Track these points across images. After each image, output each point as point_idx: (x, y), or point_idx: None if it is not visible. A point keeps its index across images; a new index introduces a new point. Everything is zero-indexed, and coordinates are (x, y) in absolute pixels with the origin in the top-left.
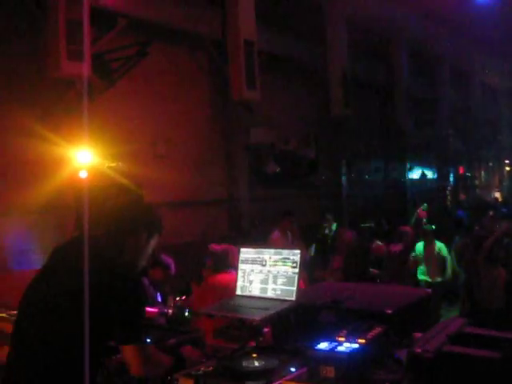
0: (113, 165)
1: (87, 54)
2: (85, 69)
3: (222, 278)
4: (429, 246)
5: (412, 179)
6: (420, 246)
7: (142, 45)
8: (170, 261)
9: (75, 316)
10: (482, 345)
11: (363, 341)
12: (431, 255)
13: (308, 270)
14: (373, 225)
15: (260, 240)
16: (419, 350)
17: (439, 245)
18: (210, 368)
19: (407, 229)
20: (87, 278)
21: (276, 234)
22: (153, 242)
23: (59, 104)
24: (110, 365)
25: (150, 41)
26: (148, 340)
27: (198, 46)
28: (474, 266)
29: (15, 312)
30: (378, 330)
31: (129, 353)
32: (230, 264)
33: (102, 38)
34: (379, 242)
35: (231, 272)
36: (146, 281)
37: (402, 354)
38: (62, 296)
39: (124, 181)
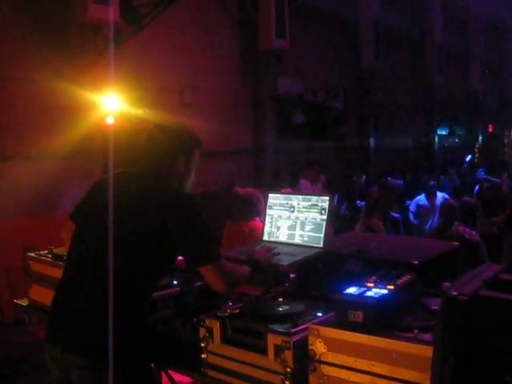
0: (140, 111)
1: None
2: (112, 13)
3: (249, 225)
4: None
5: (441, 135)
6: None
7: None
8: None
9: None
10: None
11: (392, 287)
12: None
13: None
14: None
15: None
16: (455, 293)
17: None
18: (237, 310)
19: None
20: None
21: (303, 183)
22: (194, 161)
23: (86, 49)
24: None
25: None
26: (175, 282)
27: None
28: None
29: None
30: (407, 277)
31: (209, 273)
32: (254, 209)
33: None
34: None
35: (256, 220)
36: None
37: (431, 303)
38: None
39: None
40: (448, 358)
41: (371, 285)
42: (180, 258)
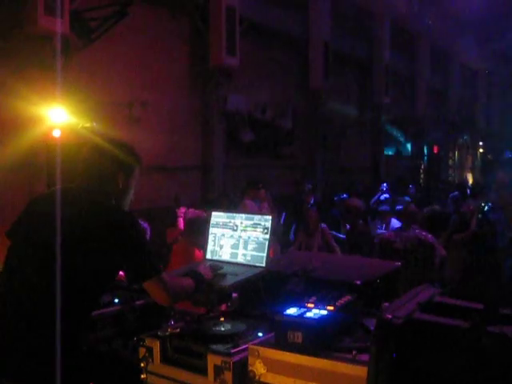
0: (87, 125)
1: (65, 9)
2: (61, 25)
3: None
4: None
5: (387, 155)
6: None
7: (122, 5)
8: (145, 226)
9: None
10: (452, 314)
11: (332, 308)
12: None
13: (280, 239)
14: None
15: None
16: (389, 316)
17: None
18: (177, 330)
19: None
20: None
21: (248, 203)
22: (133, 179)
23: (34, 61)
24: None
25: (131, 1)
26: (116, 300)
27: (179, 10)
28: None
29: None
30: (347, 298)
31: (152, 287)
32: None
33: None
34: None
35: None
36: None
37: (371, 324)
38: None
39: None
40: (381, 380)
41: (311, 305)
42: (121, 274)
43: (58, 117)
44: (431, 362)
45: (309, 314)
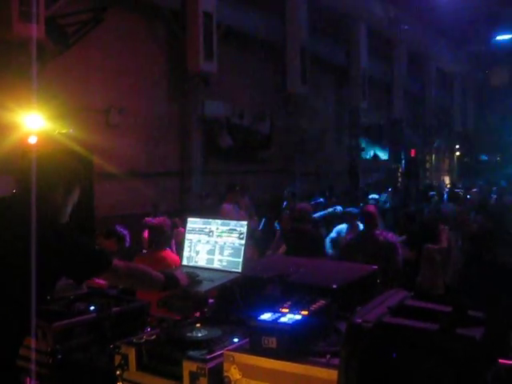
0: (64, 131)
1: (41, 15)
2: (37, 31)
3: (162, 255)
4: None
5: (365, 159)
6: None
7: (98, 11)
8: (125, 232)
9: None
10: (422, 317)
11: (306, 313)
12: None
13: (258, 243)
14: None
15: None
16: (359, 320)
17: None
18: (153, 337)
19: None
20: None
21: (226, 207)
22: (72, 197)
23: (10, 66)
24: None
25: (107, 7)
26: (92, 308)
27: (156, 16)
28: None
29: None
30: (321, 302)
31: (110, 279)
32: (166, 238)
33: (58, 1)
34: None
35: (167, 250)
36: None
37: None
38: None
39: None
40: (351, 383)
41: (286, 310)
42: (101, 282)
43: (34, 123)
44: (400, 365)
45: (283, 319)
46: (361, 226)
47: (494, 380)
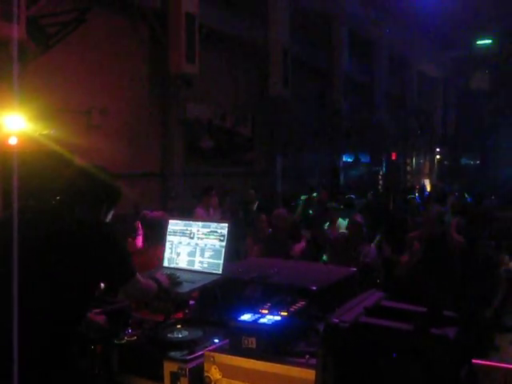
0: (45, 132)
1: (22, 15)
2: (18, 31)
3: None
4: None
5: (346, 162)
6: None
7: (80, 11)
8: None
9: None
10: (397, 317)
11: (285, 313)
12: None
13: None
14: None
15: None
16: (336, 320)
17: None
18: (134, 338)
19: None
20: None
21: (198, 211)
22: (110, 214)
23: None
24: None
25: (89, 7)
26: None
27: (138, 17)
28: None
29: None
30: (300, 303)
31: (130, 289)
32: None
33: (39, 1)
34: None
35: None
36: None
37: None
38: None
39: (57, 149)
40: (328, 382)
41: (265, 311)
42: None
43: (14, 124)
44: (376, 364)
45: (262, 320)
46: (343, 223)
47: (468, 378)
